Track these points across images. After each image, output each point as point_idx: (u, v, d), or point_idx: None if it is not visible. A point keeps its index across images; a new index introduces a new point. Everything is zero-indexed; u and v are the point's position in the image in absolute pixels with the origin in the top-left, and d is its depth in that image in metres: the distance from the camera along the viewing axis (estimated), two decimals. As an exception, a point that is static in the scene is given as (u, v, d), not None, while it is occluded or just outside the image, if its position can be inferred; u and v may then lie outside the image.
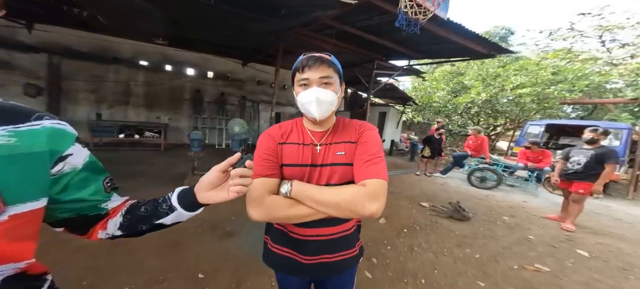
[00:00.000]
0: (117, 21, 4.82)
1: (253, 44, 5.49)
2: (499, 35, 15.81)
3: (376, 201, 0.67)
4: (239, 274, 1.86)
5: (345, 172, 0.76)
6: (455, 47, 4.50)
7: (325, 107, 0.74)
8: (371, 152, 0.74)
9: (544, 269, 2.20)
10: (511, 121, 12.06)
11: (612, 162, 3.04)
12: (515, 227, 3.26)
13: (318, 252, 0.79)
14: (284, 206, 0.72)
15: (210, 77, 7.62)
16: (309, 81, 0.73)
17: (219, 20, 4.13)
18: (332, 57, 0.77)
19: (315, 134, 0.81)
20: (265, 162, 0.77)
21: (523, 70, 10.04)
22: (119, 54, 6.42)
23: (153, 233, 1.78)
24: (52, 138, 0.44)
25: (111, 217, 0.55)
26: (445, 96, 12.59)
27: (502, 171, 5.49)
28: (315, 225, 0.76)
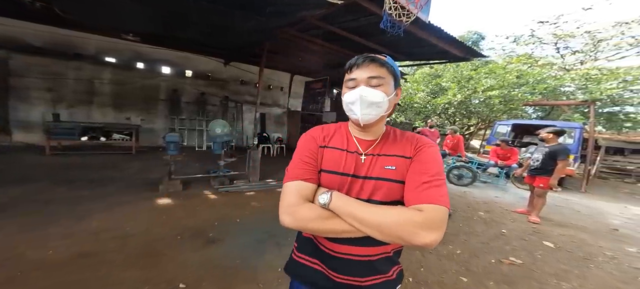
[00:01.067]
0: (77, 14, 4.35)
1: (237, 42, 5.27)
2: (472, 40, 16.92)
3: (434, 231, 0.57)
4: (225, 283, 1.77)
5: (392, 190, 0.67)
6: (435, 50, 4.71)
7: (370, 109, 0.67)
8: (431, 173, 0.64)
9: (517, 262, 2.37)
10: (482, 121, 12.97)
11: (562, 158, 3.40)
12: (490, 222, 3.49)
13: (350, 272, 0.70)
14: (319, 217, 0.64)
15: (188, 76, 7.22)
16: (356, 80, 0.68)
17: (199, 18, 3.90)
18: (388, 58, 0.70)
19: (361, 142, 0.73)
20: (305, 165, 0.71)
21: (492, 73, 10.84)
22: (82, 49, 5.82)
23: (126, 244, 1.63)
24: None
25: None
26: (425, 97, 13.20)
27: (476, 168, 5.86)
28: (349, 242, 0.68)
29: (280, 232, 2.48)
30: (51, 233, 2.19)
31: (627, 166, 8.92)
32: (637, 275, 2.28)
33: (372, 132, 0.74)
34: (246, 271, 1.91)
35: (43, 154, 4.94)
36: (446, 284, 1.94)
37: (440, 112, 12.99)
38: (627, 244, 3.04)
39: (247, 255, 2.11)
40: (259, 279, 1.83)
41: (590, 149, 6.83)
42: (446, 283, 1.95)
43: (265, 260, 2.03)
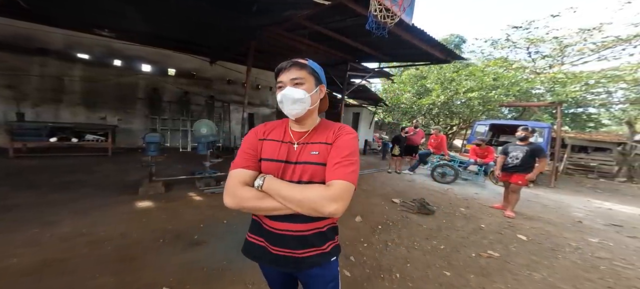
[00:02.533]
0: (47, 7, 4.02)
1: (222, 41, 5.13)
2: (454, 43, 17.65)
3: (336, 202, 0.70)
4: (211, 284, 1.74)
5: (316, 172, 0.79)
6: (418, 52, 4.88)
7: (296, 105, 0.79)
8: (343, 155, 0.77)
9: (494, 255, 2.52)
10: (464, 121, 13.60)
11: (543, 156, 3.69)
12: (470, 217, 3.67)
13: (286, 245, 0.82)
14: (254, 197, 0.76)
15: (171, 74, 6.92)
16: (283, 82, 0.80)
17: (181, 15, 3.75)
18: (309, 61, 0.83)
19: (295, 133, 0.86)
20: (245, 155, 0.83)
21: (472, 75, 11.39)
22: (47, 44, 5.38)
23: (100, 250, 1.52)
24: None
25: None
26: (411, 97, 13.59)
27: (458, 167, 6.14)
28: (286, 220, 0.79)
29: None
30: (15, 240, 2.02)
31: (590, 162, 9.75)
32: (598, 264, 2.50)
33: (306, 124, 0.87)
34: (232, 272, 1.87)
35: (6, 157, 4.54)
36: (430, 278, 2.02)
37: (425, 113, 13.46)
38: (589, 235, 3.32)
39: (233, 256, 2.07)
40: (246, 280, 1.80)
41: (558, 148, 7.39)
42: (430, 278, 2.03)
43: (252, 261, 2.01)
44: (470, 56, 14.17)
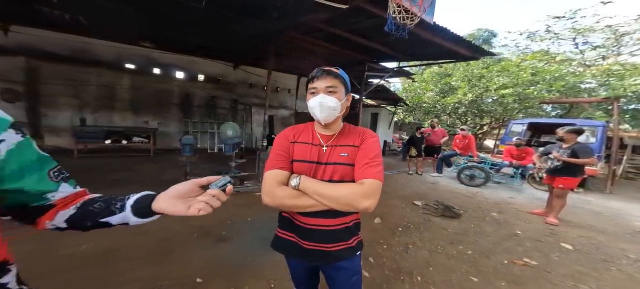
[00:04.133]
0: (99, 23, 4.65)
1: (244, 47, 5.43)
2: (483, 38, 16.45)
3: (370, 198, 0.79)
4: (237, 279, 1.84)
5: (346, 172, 0.86)
6: (441, 50, 4.66)
7: (328, 112, 0.86)
8: (371, 157, 0.85)
9: (532, 263, 2.30)
10: (496, 120, 12.56)
11: (585, 156, 3.26)
12: (503, 223, 3.39)
13: (317, 240, 0.89)
14: (291, 196, 0.84)
15: (200, 80, 7.47)
16: (317, 89, 0.86)
17: (209, 24, 4.08)
18: (341, 71, 0.90)
19: (323, 137, 0.93)
20: (279, 158, 0.90)
21: (505, 71, 10.50)
22: (101, 57, 6.17)
23: (140, 242, 1.71)
24: None
25: (61, 208, 0.53)
26: (434, 96, 12.95)
27: (489, 169, 5.70)
28: (318, 216, 0.86)
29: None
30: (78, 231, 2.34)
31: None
32: (663, 279, 2.16)
33: (332, 129, 0.93)
34: (255, 268, 1.97)
35: (71, 157, 5.24)
36: (455, 284, 1.92)
37: (450, 112, 12.71)
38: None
39: (256, 253, 2.17)
40: (268, 276, 1.88)
41: (615, 149, 6.45)
42: (455, 283, 1.93)
43: (273, 258, 2.07)
44: (502, 51, 13.10)
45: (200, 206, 0.52)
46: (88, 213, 0.54)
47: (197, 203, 0.53)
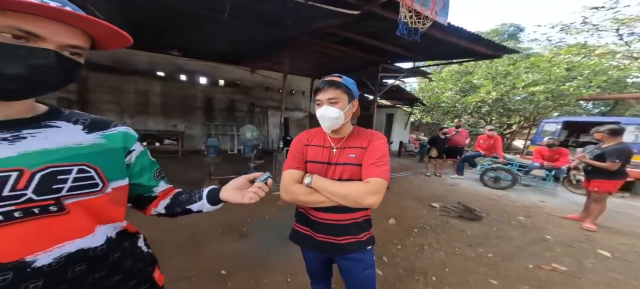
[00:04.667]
0: (136, 35, 5.13)
1: (261, 52, 5.69)
2: (508, 33, 15.45)
3: (374, 195, 0.86)
4: (256, 272, 1.95)
5: (354, 171, 0.94)
6: (457, 49, 4.51)
7: (330, 122, 0.94)
8: (376, 157, 0.91)
9: (561, 268, 2.16)
10: (526, 119, 11.69)
11: (611, 160, 2.95)
12: (531, 227, 3.19)
13: (328, 233, 0.98)
14: (305, 193, 0.94)
15: (221, 85, 7.86)
16: (321, 101, 0.95)
17: (230, 32, 4.35)
18: (343, 79, 0.96)
19: (333, 140, 1.02)
20: (294, 158, 1.01)
21: (534, 67, 9.77)
22: (137, 66, 6.77)
23: (175, 236, 1.95)
24: (124, 138, 0.62)
25: (161, 199, 0.72)
26: (453, 95, 12.40)
27: (516, 170, 5.35)
28: (329, 211, 0.95)
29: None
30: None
31: None
32: None
33: (341, 132, 1.01)
34: (273, 262, 2.08)
35: None
36: (472, 285, 1.87)
37: (471, 111, 12.06)
38: None
39: (273, 248, 2.29)
40: (285, 270, 1.98)
41: (668, 149, 5.71)
42: (472, 285, 1.88)
43: (290, 253, 2.18)
44: (531, 46, 12.21)
45: (250, 195, 0.69)
46: (178, 202, 0.72)
47: (248, 193, 0.69)
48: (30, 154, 0.46)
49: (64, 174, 0.48)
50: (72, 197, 0.49)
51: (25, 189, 0.44)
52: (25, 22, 0.40)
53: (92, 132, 0.55)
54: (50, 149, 0.48)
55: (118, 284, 0.57)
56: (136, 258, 0.63)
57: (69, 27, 0.44)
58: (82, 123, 0.56)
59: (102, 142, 0.56)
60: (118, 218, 0.59)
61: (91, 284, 0.52)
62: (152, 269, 0.68)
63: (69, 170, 0.49)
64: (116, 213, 0.58)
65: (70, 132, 0.52)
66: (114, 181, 0.56)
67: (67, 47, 0.45)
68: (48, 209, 0.46)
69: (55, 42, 0.43)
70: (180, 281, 1.79)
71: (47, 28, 0.42)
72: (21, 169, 0.44)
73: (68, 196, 0.48)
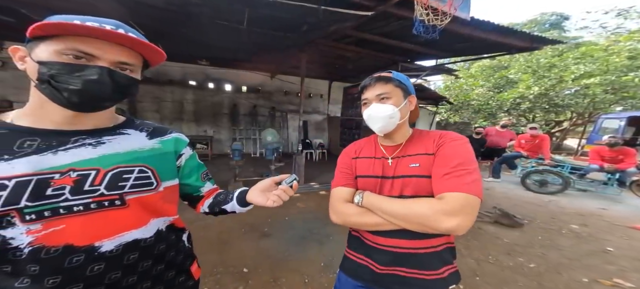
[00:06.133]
0: (171, 48, 5.69)
1: (279, 57, 5.88)
2: (549, 22, 13.83)
3: (455, 216, 0.61)
4: (275, 271, 1.98)
5: (420, 185, 0.72)
6: (485, 43, 4.15)
7: (382, 122, 0.77)
8: (452, 164, 0.68)
9: (626, 284, 1.80)
10: (579, 115, 10.24)
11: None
12: (587, 237, 2.74)
13: (393, 263, 0.75)
14: (356, 213, 0.77)
15: (244, 91, 8.26)
16: (368, 100, 0.79)
17: (250, 40, 4.58)
18: (393, 73, 0.79)
19: (387, 148, 0.83)
20: (342, 175, 0.86)
21: (587, 57, 8.54)
22: (172, 76, 7.44)
23: (206, 233, 2.07)
24: (175, 143, 0.70)
25: (207, 198, 0.78)
26: (485, 92, 11.39)
27: (568, 173, 4.68)
28: (392, 235, 0.74)
29: (322, 231, 2.59)
30: None
31: None
32: None
33: (396, 138, 0.82)
34: (291, 262, 2.09)
35: None
36: (509, 297, 1.65)
37: (508, 109, 10.92)
38: None
39: (292, 249, 2.30)
40: (303, 271, 1.98)
41: None
42: (509, 296, 1.66)
43: (308, 255, 2.17)
44: (581, 34, 10.74)
45: (273, 199, 0.67)
46: (217, 202, 0.77)
47: (271, 196, 0.68)
48: (106, 157, 0.55)
49: (128, 173, 0.56)
50: (133, 194, 0.56)
51: (99, 185, 0.53)
52: (84, 44, 0.48)
53: (153, 138, 0.65)
54: (121, 152, 0.57)
55: (160, 273, 0.63)
56: (178, 251, 0.69)
57: (118, 46, 0.51)
58: (146, 130, 0.65)
59: (159, 146, 0.65)
60: (169, 213, 0.66)
61: (140, 272, 0.59)
62: (190, 263, 0.73)
63: (132, 170, 0.57)
64: (167, 209, 0.65)
65: (136, 138, 0.62)
66: (166, 181, 0.63)
67: (118, 64, 0.52)
68: (114, 203, 0.54)
69: (108, 60, 0.50)
70: (208, 276, 1.88)
71: (101, 48, 0.49)
72: (98, 168, 0.54)
73: (129, 193, 0.56)
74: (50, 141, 0.51)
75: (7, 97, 5.72)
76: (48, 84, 0.47)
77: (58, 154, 0.50)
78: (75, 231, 0.50)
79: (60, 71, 0.47)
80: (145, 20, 3.62)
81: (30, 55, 0.49)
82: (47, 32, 0.46)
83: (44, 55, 0.47)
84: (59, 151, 0.51)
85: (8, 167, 0.46)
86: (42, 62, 0.47)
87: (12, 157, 0.47)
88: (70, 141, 0.53)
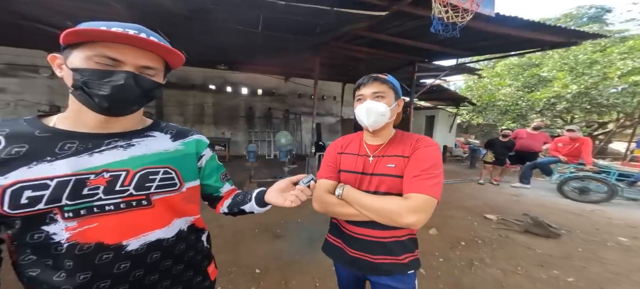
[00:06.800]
0: (193, 54, 6.01)
1: (292, 60, 5.94)
2: (587, 16, 12.54)
3: (415, 214, 0.71)
4: (287, 272, 1.97)
5: (394, 184, 0.80)
6: (512, 40, 3.85)
7: (376, 117, 0.82)
8: (422, 168, 0.76)
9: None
10: (627, 116, 9.11)
11: None
12: (638, 251, 2.38)
13: (362, 249, 0.86)
14: (336, 204, 0.85)
15: (259, 94, 8.48)
16: (364, 96, 0.85)
17: (264, 44, 4.69)
18: (389, 76, 0.87)
19: (370, 147, 0.90)
20: (327, 167, 0.94)
21: (635, 52, 7.60)
22: (194, 81, 7.83)
23: (222, 232, 2.18)
24: (196, 144, 0.71)
25: (226, 199, 0.80)
26: (513, 92, 10.57)
27: (614, 181, 4.14)
28: (364, 225, 0.84)
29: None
30: None
31: None
32: None
33: (381, 136, 0.89)
34: (302, 265, 2.07)
35: None
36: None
37: (541, 109, 10.02)
38: None
39: (304, 251, 2.28)
40: (313, 274, 1.95)
41: None
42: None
43: (318, 257, 2.13)
44: (628, 27, 9.61)
45: (291, 199, 0.67)
46: (235, 202, 0.78)
47: (289, 196, 0.68)
48: (135, 158, 0.57)
49: (154, 174, 0.58)
50: (158, 194, 0.58)
51: (129, 185, 0.55)
52: (110, 49, 0.50)
53: (177, 141, 0.66)
54: (148, 154, 0.59)
55: (180, 273, 0.64)
56: (197, 251, 0.70)
57: (142, 50, 0.53)
58: (171, 133, 0.67)
59: (182, 148, 0.66)
60: (191, 212, 0.68)
61: (161, 270, 0.60)
62: (207, 264, 0.74)
63: (158, 171, 0.59)
64: (189, 209, 0.67)
65: (161, 140, 0.64)
66: (189, 181, 0.65)
67: (142, 68, 0.53)
68: (141, 203, 0.56)
69: (132, 64, 0.52)
70: (222, 275, 1.92)
71: (126, 53, 0.51)
72: (128, 169, 0.56)
73: (155, 193, 0.58)
74: (87, 143, 0.53)
75: (55, 103, 6.40)
76: (82, 90, 0.50)
77: (93, 156, 0.53)
78: (107, 230, 0.52)
79: (91, 77, 0.49)
80: (168, 28, 3.87)
81: (66, 63, 0.51)
82: (75, 38, 0.49)
83: (77, 62, 0.50)
84: (95, 153, 0.53)
85: (50, 168, 0.49)
86: (76, 69, 0.50)
87: (54, 158, 0.50)
88: (104, 143, 0.55)
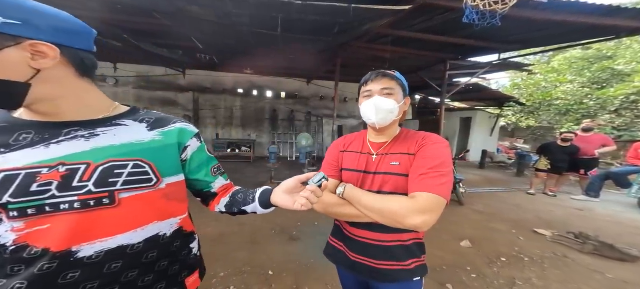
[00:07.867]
0: (223, 60, 6.37)
1: (313, 62, 5.90)
2: None
3: (422, 214, 0.67)
4: (300, 277, 1.92)
5: (399, 183, 0.77)
6: (573, 28, 3.21)
7: (384, 114, 0.79)
8: (429, 166, 0.72)
9: None
10: None
11: None
12: None
13: (365, 253, 0.82)
14: (337, 204, 0.81)
15: (283, 97, 8.68)
16: (371, 92, 0.81)
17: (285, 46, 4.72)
18: (396, 73, 0.83)
19: (374, 145, 0.87)
20: (328, 165, 0.92)
21: None
22: (226, 85, 8.30)
23: (239, 230, 2.21)
24: (179, 134, 0.62)
25: (222, 196, 0.72)
26: (577, 89, 9.02)
27: None
28: (366, 228, 0.80)
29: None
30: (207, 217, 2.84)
31: None
32: None
33: (386, 134, 0.86)
34: (317, 270, 2.01)
35: None
36: None
37: (617, 108, 8.36)
38: None
39: (319, 256, 2.18)
40: (327, 280, 1.87)
41: None
42: None
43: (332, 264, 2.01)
44: None
45: (302, 202, 0.61)
46: (235, 202, 0.71)
47: (299, 199, 0.62)
48: (99, 150, 0.51)
49: (120, 168, 0.52)
50: (126, 192, 0.51)
51: (88, 181, 0.49)
52: None
53: (153, 130, 0.58)
54: (115, 145, 0.53)
55: (147, 286, 0.57)
56: (174, 260, 0.61)
57: None
58: (147, 122, 0.59)
59: (159, 138, 0.58)
60: (175, 213, 0.61)
61: (122, 283, 0.53)
62: (187, 274, 0.65)
63: (126, 165, 0.52)
64: (174, 209, 0.60)
65: (134, 130, 0.57)
66: (169, 176, 0.58)
67: None
68: (101, 201, 0.49)
69: None
70: (236, 274, 1.93)
71: None
72: (89, 162, 0.49)
73: (122, 190, 0.51)
74: (43, 133, 0.48)
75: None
76: None
77: (50, 147, 0.48)
78: (58, 233, 0.46)
79: None
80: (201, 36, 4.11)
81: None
82: None
83: None
84: (51, 143, 0.48)
85: (2, 160, 0.45)
86: None
87: (7, 150, 0.45)
88: (63, 133, 0.49)
